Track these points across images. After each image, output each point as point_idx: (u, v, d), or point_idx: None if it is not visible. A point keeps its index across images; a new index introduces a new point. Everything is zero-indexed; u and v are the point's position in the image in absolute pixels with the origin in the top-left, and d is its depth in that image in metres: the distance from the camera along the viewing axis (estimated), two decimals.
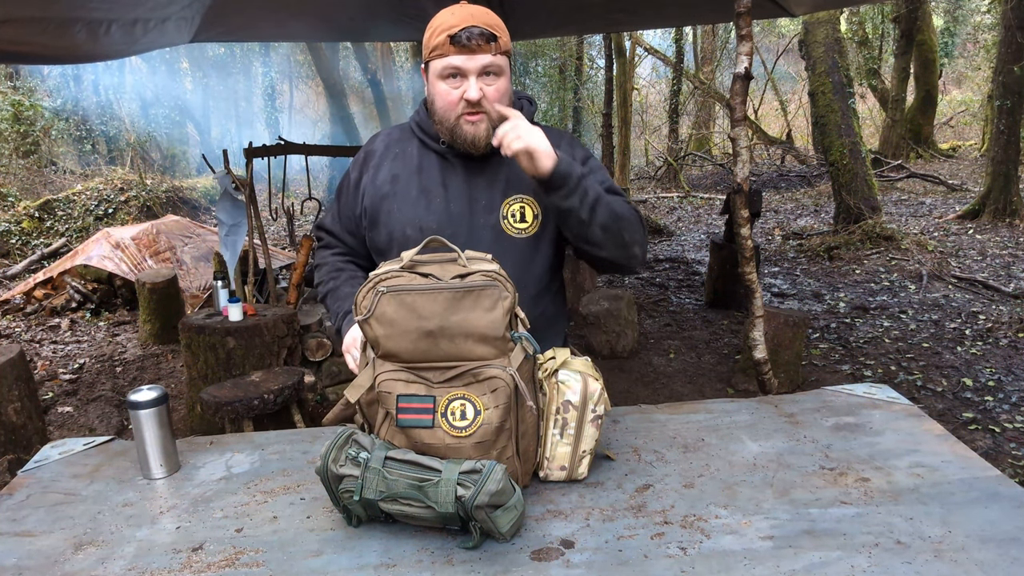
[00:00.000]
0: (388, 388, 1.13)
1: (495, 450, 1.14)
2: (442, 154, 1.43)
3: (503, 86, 1.35)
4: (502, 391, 1.11)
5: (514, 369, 1.12)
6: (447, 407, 1.12)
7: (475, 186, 1.41)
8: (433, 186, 1.42)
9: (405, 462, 1.10)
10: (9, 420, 3.05)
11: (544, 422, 1.25)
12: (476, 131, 1.35)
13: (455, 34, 1.29)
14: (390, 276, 1.13)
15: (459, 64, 1.31)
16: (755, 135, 13.66)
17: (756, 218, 5.77)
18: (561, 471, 1.26)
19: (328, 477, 1.12)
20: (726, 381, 4.14)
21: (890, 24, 13.24)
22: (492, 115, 1.33)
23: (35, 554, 1.13)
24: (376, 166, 1.47)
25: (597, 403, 1.24)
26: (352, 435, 1.15)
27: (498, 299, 1.12)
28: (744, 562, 1.04)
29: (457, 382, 1.12)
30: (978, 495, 1.18)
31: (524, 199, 1.41)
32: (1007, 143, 7.53)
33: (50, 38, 3.33)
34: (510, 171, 1.42)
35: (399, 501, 1.09)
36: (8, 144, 10.31)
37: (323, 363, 4.09)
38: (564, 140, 1.49)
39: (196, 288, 5.85)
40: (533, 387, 1.22)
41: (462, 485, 1.06)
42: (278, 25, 4.72)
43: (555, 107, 13.90)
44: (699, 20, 8.57)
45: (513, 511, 1.08)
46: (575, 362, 1.29)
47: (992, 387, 3.87)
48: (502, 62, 1.34)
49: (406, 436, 1.14)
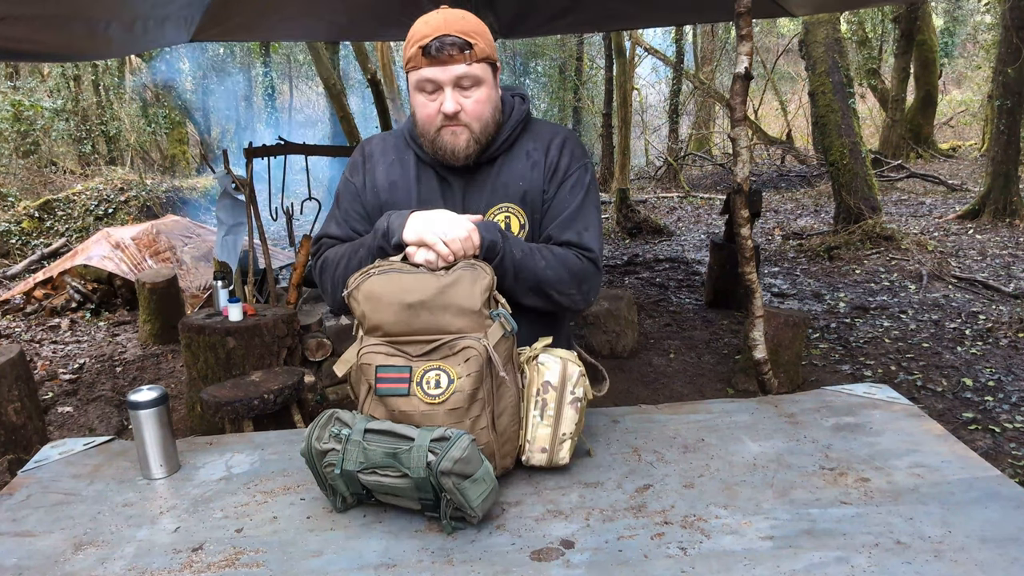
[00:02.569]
0: (369, 360, 1.19)
1: (468, 419, 1.18)
2: (435, 166, 1.41)
3: (483, 95, 1.32)
4: (475, 360, 1.16)
5: (489, 341, 1.17)
6: (423, 376, 1.18)
7: (468, 196, 1.41)
8: (432, 198, 1.41)
9: (382, 432, 1.16)
10: (9, 420, 3.05)
11: (524, 404, 1.28)
12: (456, 142, 1.33)
13: (426, 45, 1.27)
14: (383, 264, 1.23)
15: (432, 76, 1.29)
16: (755, 135, 13.65)
17: (756, 218, 5.77)
18: (542, 453, 1.28)
19: (312, 455, 1.17)
20: (726, 381, 4.14)
21: (890, 24, 13.24)
22: (474, 129, 1.33)
23: (35, 554, 1.13)
24: (372, 170, 1.46)
25: (576, 385, 1.28)
26: (334, 414, 1.21)
27: (477, 278, 1.19)
28: (744, 562, 1.04)
29: (435, 355, 1.18)
30: (978, 495, 1.18)
31: (510, 208, 1.39)
32: (1007, 143, 7.53)
33: (49, 35, 3.33)
34: (497, 180, 1.40)
35: (377, 472, 1.13)
36: (8, 144, 10.31)
37: (323, 363, 4.09)
38: (559, 136, 1.46)
39: (196, 288, 5.85)
40: (512, 367, 1.25)
41: (432, 452, 1.10)
42: (278, 25, 4.72)
43: (555, 107, 13.90)
44: (699, 20, 8.57)
45: (482, 484, 1.11)
46: (557, 350, 1.31)
47: (992, 387, 3.87)
48: (479, 71, 1.30)
49: (384, 405, 1.19)
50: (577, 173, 1.43)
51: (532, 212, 1.40)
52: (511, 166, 1.41)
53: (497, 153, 1.40)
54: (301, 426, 3.17)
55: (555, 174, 1.41)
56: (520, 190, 1.39)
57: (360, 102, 14.57)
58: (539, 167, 1.41)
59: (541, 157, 1.41)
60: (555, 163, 1.41)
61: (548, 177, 1.41)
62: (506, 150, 1.41)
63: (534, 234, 1.41)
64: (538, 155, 1.41)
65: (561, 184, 1.41)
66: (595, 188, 1.46)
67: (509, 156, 1.41)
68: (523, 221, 1.39)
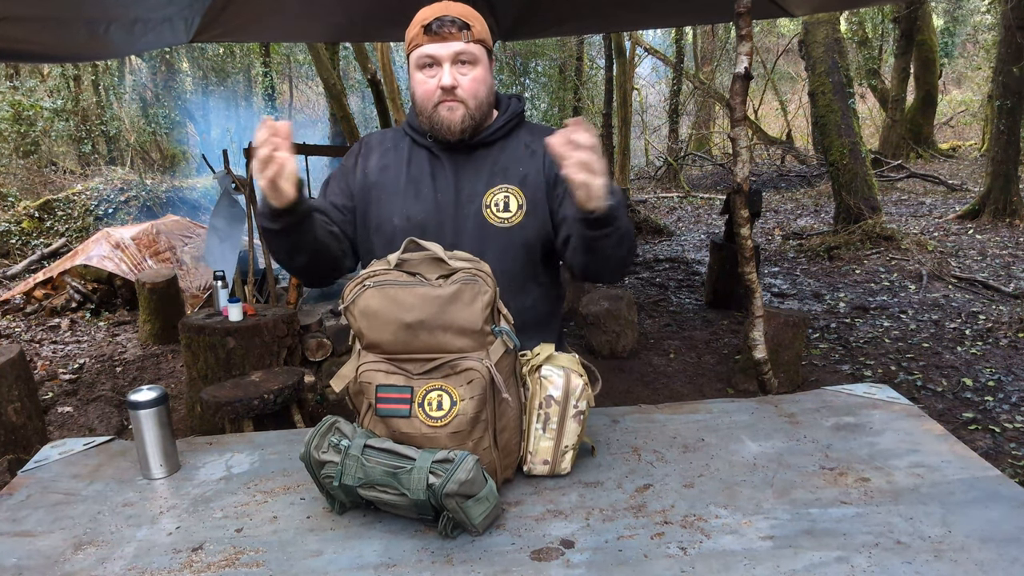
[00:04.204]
0: (368, 379, 1.17)
1: (470, 441, 1.16)
2: (430, 148, 1.45)
3: (479, 75, 1.38)
4: (478, 382, 1.14)
5: (492, 362, 1.15)
6: (424, 397, 1.15)
7: (462, 176, 1.43)
8: (422, 176, 1.44)
9: (382, 450, 1.14)
10: (9, 420, 3.05)
11: (527, 416, 1.27)
12: (452, 117, 1.37)
13: (428, 23, 1.34)
14: (378, 273, 1.17)
15: (432, 52, 1.35)
16: (755, 135, 13.66)
17: (756, 218, 5.77)
18: (544, 465, 1.28)
19: (311, 463, 1.16)
20: (726, 381, 4.14)
21: (890, 24, 13.24)
22: (469, 105, 1.36)
23: (35, 554, 1.13)
24: (366, 155, 1.50)
25: (579, 399, 1.26)
26: (335, 423, 1.19)
27: (478, 293, 1.15)
28: (744, 562, 1.04)
29: (436, 374, 1.15)
30: (978, 495, 1.18)
31: (509, 188, 1.42)
32: (1007, 143, 7.53)
33: (49, 36, 3.33)
34: (496, 161, 1.44)
35: (376, 488, 1.12)
36: (8, 144, 10.31)
37: (323, 363, 4.09)
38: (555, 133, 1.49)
39: (196, 288, 5.85)
40: (514, 381, 1.24)
41: (434, 473, 1.09)
42: (277, 25, 4.72)
43: (555, 107, 13.89)
44: (699, 20, 8.56)
45: (485, 503, 1.10)
46: (560, 358, 1.30)
47: (992, 387, 3.87)
48: (476, 50, 1.36)
49: (385, 425, 1.17)
50: None
51: (533, 194, 1.42)
52: (509, 153, 1.45)
53: (494, 139, 1.45)
54: (301, 426, 3.17)
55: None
56: (520, 174, 1.43)
57: (360, 102, 14.58)
58: (538, 156, 1.45)
59: (539, 147, 1.45)
60: None
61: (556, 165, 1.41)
62: (503, 137, 1.46)
63: (534, 214, 1.42)
64: (536, 146, 1.46)
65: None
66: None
67: (506, 144, 1.46)
68: (521, 201, 1.42)
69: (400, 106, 6.94)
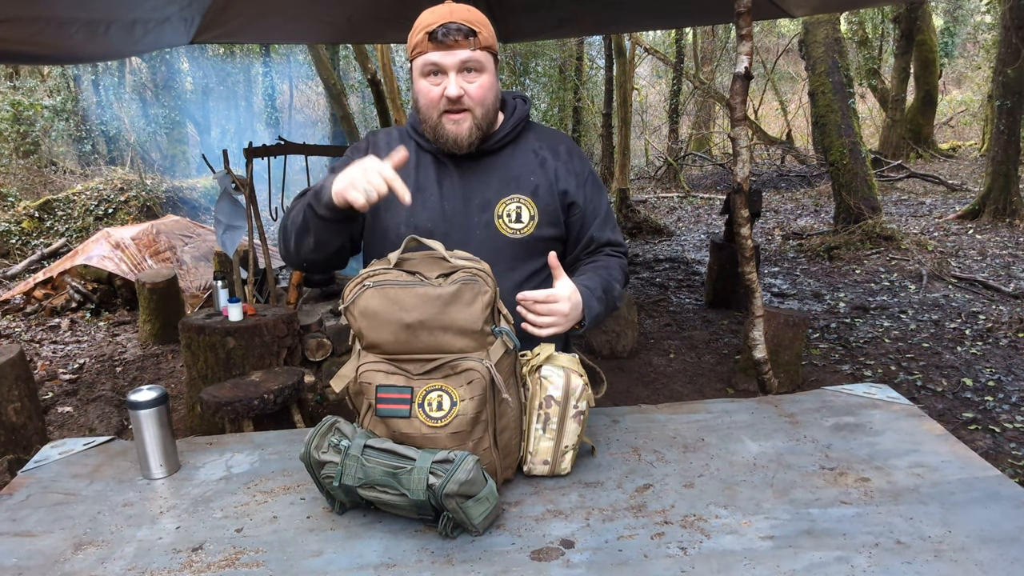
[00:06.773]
0: (368, 379, 1.16)
1: (471, 441, 1.16)
2: (436, 154, 1.43)
3: (486, 83, 1.35)
4: (478, 383, 1.14)
5: (492, 362, 1.15)
6: (424, 398, 1.15)
7: (470, 185, 1.41)
8: (428, 184, 1.41)
9: (382, 450, 1.14)
10: (9, 420, 3.05)
11: (527, 416, 1.27)
12: (458, 130, 1.34)
13: (433, 30, 1.29)
14: (378, 273, 1.17)
15: (437, 60, 1.31)
16: (755, 135, 13.65)
17: (756, 218, 5.77)
18: (544, 465, 1.28)
19: (311, 463, 1.16)
20: (726, 381, 4.14)
21: (890, 24, 13.24)
22: (476, 114, 1.33)
23: (35, 554, 1.13)
24: (375, 154, 1.45)
25: (579, 399, 1.26)
26: (335, 423, 1.19)
27: (478, 293, 1.15)
28: (744, 562, 1.04)
29: (436, 374, 1.15)
30: (978, 495, 1.18)
31: (521, 199, 1.41)
32: (1007, 143, 7.53)
33: (49, 38, 3.33)
34: (506, 170, 1.42)
35: (376, 488, 1.12)
36: (8, 144, 10.30)
37: (323, 363, 4.09)
38: (563, 145, 1.49)
39: (196, 288, 5.85)
40: (514, 381, 1.24)
41: (434, 474, 1.09)
42: (278, 26, 4.72)
43: (555, 107, 13.89)
44: (699, 20, 8.56)
45: (485, 503, 1.10)
46: (560, 358, 1.30)
47: (992, 387, 3.87)
48: (482, 58, 1.33)
49: (385, 425, 1.17)
50: (591, 174, 1.50)
51: (544, 206, 1.42)
52: (520, 160, 1.43)
53: (501, 145, 1.42)
54: (301, 426, 3.17)
55: (577, 177, 1.46)
56: (532, 184, 1.42)
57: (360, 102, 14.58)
58: (549, 166, 1.44)
59: (549, 156, 1.44)
60: (574, 167, 1.47)
61: (572, 180, 1.45)
62: (511, 142, 1.44)
63: (545, 225, 1.42)
64: (546, 154, 1.45)
65: (584, 185, 1.47)
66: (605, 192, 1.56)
67: (515, 150, 1.44)
68: (533, 212, 1.41)
69: (400, 106, 6.93)
